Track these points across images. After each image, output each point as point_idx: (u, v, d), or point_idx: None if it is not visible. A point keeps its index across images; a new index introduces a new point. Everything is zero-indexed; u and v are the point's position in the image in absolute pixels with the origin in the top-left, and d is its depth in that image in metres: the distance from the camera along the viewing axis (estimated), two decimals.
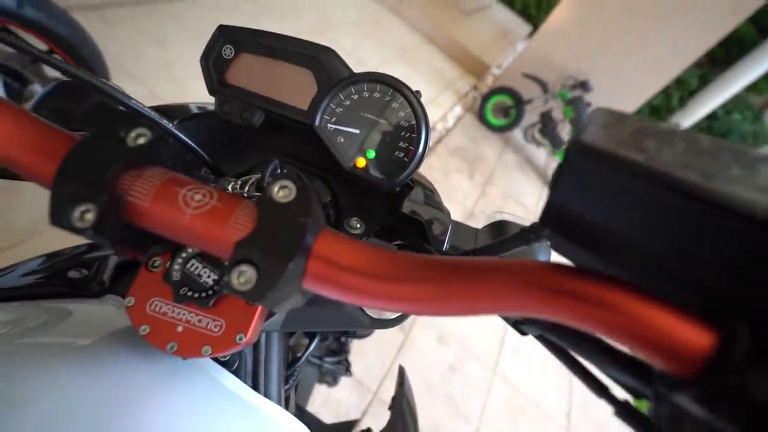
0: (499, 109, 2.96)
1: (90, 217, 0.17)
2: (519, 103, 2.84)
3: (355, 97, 0.29)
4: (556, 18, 2.90)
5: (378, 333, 1.51)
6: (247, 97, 0.30)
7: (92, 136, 0.18)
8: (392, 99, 0.29)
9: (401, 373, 0.52)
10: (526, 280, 0.15)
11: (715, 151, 0.12)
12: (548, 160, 3.22)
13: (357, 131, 0.29)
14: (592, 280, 0.14)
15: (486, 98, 2.98)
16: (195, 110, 0.34)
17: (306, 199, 0.18)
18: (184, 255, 0.22)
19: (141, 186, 0.18)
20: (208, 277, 0.22)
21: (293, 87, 0.29)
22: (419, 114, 0.29)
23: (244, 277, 0.16)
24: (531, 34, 4.81)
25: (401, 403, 0.46)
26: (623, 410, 0.16)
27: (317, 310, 0.28)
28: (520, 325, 0.21)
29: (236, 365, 0.29)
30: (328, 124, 0.29)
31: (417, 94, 0.29)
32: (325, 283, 0.17)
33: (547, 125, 2.82)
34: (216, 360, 0.28)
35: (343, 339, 0.67)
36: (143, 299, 0.22)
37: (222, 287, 0.21)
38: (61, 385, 0.20)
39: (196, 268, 0.22)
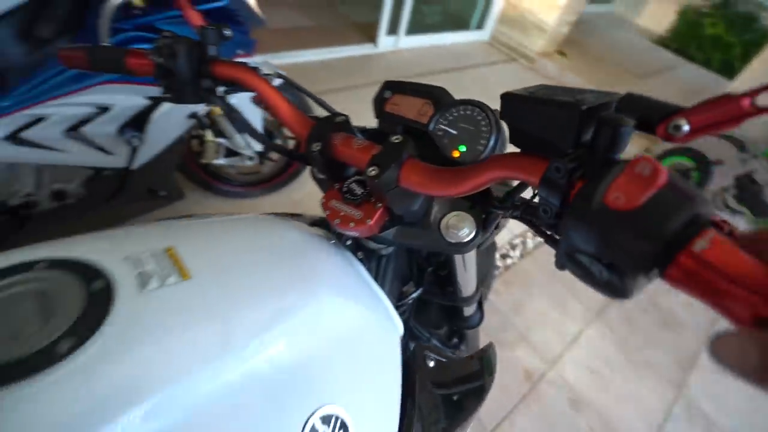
0: (677, 172, 2.62)
1: (317, 148, 0.40)
2: (703, 164, 2.47)
3: (456, 113, 0.47)
4: (760, 65, 2.50)
5: (501, 375, 1.50)
6: (395, 118, 0.52)
7: (323, 118, 0.43)
8: (478, 114, 0.46)
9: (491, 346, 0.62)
10: (508, 162, 0.30)
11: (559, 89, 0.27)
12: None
13: (455, 133, 0.47)
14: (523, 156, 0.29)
15: (660, 160, 2.70)
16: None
17: (406, 142, 0.37)
18: (348, 180, 0.44)
19: (340, 139, 0.41)
20: (358, 191, 0.42)
21: (421, 110, 0.50)
22: (492, 123, 0.45)
23: (373, 171, 0.36)
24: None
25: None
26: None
27: (414, 231, 0.45)
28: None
29: (367, 267, 0.49)
30: (437, 129, 0.48)
31: (495, 112, 0.46)
32: (412, 185, 0.35)
33: (746, 190, 2.34)
34: (357, 259, 0.48)
35: (454, 328, 0.79)
36: (329, 201, 0.44)
37: (364, 193, 0.42)
38: (290, 239, 0.43)
39: (353, 186, 0.43)
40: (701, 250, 0.19)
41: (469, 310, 0.71)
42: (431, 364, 0.49)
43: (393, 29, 3.20)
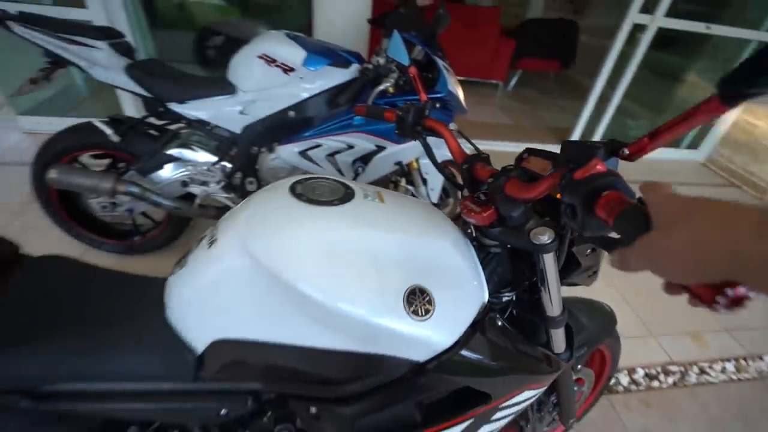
0: None
1: (465, 166, 0.70)
2: None
3: None
4: None
5: None
6: (525, 170, 0.78)
7: (474, 153, 0.73)
8: None
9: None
10: (550, 180, 0.54)
11: None
12: None
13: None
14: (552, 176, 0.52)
15: None
16: None
17: (514, 170, 0.63)
18: (479, 191, 0.71)
19: (480, 166, 0.70)
20: (482, 198, 0.69)
21: (544, 167, 0.75)
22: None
23: (490, 180, 0.63)
24: None
25: None
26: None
27: (513, 233, 0.67)
28: None
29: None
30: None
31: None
32: (511, 191, 0.61)
33: None
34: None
35: None
36: (465, 202, 0.71)
37: (486, 200, 0.68)
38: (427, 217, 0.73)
39: (481, 195, 0.69)
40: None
41: (557, 340, 0.83)
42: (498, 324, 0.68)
43: (586, 137, 3.35)
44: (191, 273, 0.62)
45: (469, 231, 0.74)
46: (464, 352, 0.62)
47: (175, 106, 1.46)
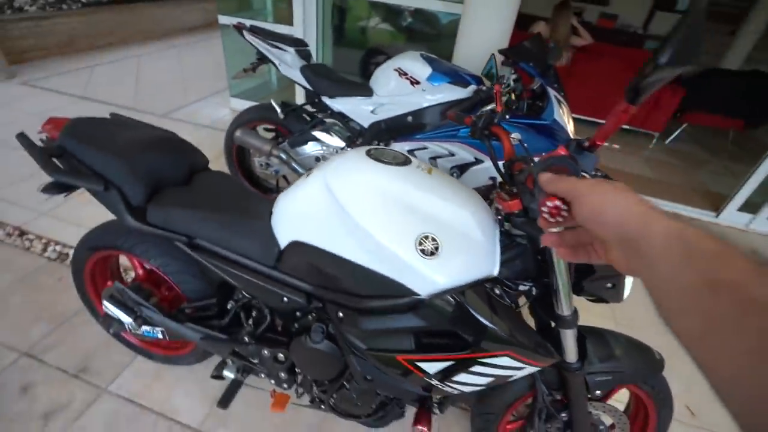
0: None
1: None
2: None
3: None
4: None
5: None
6: None
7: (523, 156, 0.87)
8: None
9: None
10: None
11: None
12: None
13: None
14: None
15: None
16: None
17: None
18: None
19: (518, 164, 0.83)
20: (513, 190, 0.81)
21: None
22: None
23: (517, 172, 0.77)
24: None
25: None
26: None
27: (531, 223, 0.78)
28: None
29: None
30: None
31: None
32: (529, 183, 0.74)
33: None
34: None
35: None
36: (498, 194, 0.84)
37: (516, 193, 0.80)
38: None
39: (512, 188, 0.82)
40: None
41: (567, 343, 0.88)
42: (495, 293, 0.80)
43: (750, 206, 2.80)
44: (290, 192, 0.92)
45: (499, 217, 0.87)
46: (457, 300, 0.76)
47: (326, 99, 1.90)
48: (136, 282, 1.23)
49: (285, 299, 0.96)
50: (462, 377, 0.81)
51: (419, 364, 0.81)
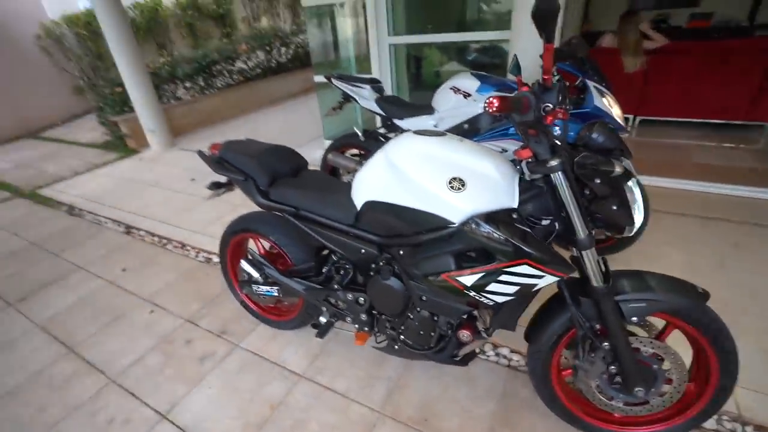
0: None
1: None
2: None
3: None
4: None
5: None
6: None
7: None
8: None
9: None
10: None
11: None
12: None
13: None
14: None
15: None
16: None
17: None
18: None
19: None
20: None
21: None
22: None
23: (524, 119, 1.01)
24: None
25: None
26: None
27: (540, 164, 0.99)
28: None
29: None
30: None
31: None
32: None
33: None
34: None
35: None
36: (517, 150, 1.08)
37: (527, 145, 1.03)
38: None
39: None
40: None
41: (590, 265, 1.02)
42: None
43: None
44: (362, 168, 1.28)
45: (518, 167, 1.10)
46: (482, 224, 1.00)
47: (397, 121, 2.30)
48: (261, 254, 1.69)
49: (362, 251, 1.30)
50: (493, 287, 1.03)
51: (459, 278, 1.05)
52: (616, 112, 1.76)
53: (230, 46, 6.96)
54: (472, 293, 1.07)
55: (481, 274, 1.03)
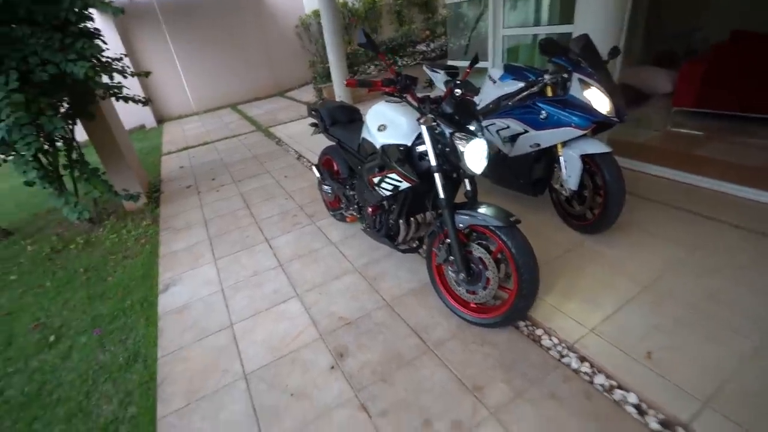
0: None
1: None
2: None
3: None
4: None
5: None
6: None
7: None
8: None
9: None
10: None
11: None
12: None
13: None
14: None
15: None
16: None
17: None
18: None
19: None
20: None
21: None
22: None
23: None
24: None
25: None
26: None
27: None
28: None
29: None
30: None
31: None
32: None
33: None
34: None
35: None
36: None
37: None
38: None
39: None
40: None
41: (437, 181, 1.70)
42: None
43: None
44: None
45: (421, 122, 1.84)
46: (385, 149, 1.84)
47: None
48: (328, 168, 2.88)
49: (358, 166, 2.27)
50: (383, 185, 1.86)
51: (374, 179, 1.92)
52: (598, 103, 2.03)
53: (416, 32, 8.26)
54: (377, 189, 1.92)
55: (380, 177, 1.87)
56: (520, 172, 2.57)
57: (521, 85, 2.38)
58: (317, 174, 2.92)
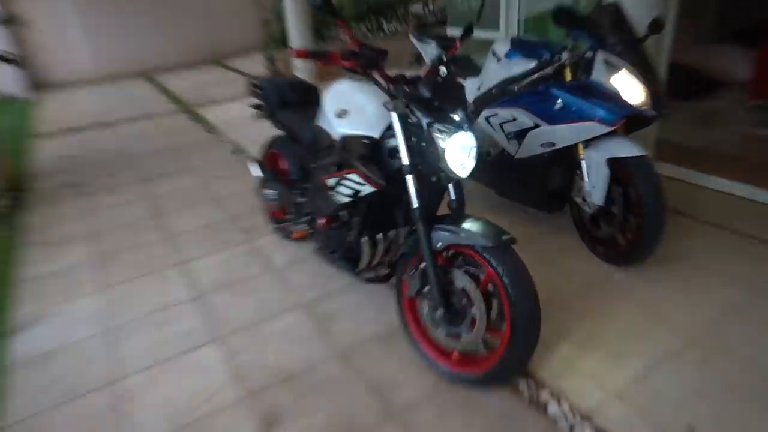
0: None
1: None
2: None
3: None
4: None
5: None
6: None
7: None
8: None
9: None
10: None
11: None
12: None
13: None
14: None
15: None
16: None
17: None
18: None
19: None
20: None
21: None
22: None
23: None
24: None
25: None
26: None
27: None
28: None
29: None
30: None
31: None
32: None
33: None
34: None
35: None
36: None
37: None
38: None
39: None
40: None
41: (410, 185, 1.79)
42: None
43: None
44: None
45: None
46: (345, 142, 1.94)
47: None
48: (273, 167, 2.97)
49: (313, 165, 2.36)
50: (341, 189, 1.95)
51: (328, 180, 2.01)
52: (628, 91, 2.18)
53: None
54: (334, 191, 2.00)
55: (338, 178, 1.96)
56: (529, 179, 2.70)
57: (532, 64, 2.52)
58: (258, 173, 2.99)
